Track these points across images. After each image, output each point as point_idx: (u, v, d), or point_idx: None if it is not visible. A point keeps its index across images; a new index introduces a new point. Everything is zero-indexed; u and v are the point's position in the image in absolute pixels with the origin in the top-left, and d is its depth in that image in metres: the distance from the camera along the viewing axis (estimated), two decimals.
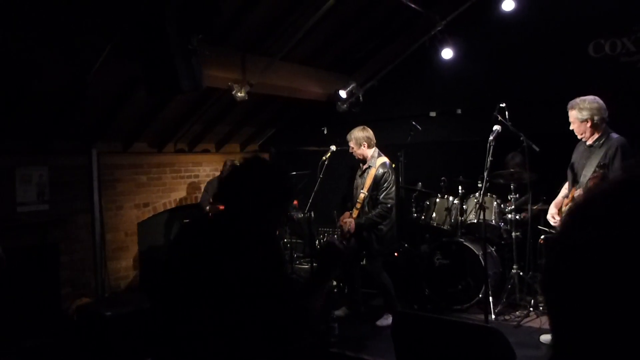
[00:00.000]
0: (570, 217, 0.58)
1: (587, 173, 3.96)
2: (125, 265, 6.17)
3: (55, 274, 5.42)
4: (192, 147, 7.21)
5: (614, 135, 3.93)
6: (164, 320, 1.80)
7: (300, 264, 6.95)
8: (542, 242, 4.97)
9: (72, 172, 5.65)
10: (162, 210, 6.63)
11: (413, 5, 5.60)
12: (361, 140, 4.94)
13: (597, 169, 3.65)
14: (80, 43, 4.29)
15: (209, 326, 1.66)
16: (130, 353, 4.29)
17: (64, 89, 4.83)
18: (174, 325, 1.75)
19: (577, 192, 3.81)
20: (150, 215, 6.49)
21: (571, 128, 4.03)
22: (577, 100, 3.95)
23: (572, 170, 4.20)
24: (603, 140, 3.92)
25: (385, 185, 4.82)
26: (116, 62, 4.58)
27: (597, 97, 3.94)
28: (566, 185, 4.34)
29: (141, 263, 6.31)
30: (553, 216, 4.24)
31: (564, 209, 4.19)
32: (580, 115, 3.90)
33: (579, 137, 4.03)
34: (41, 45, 4.17)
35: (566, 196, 4.23)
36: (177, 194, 6.85)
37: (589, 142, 4.00)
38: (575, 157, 4.19)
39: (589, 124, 3.89)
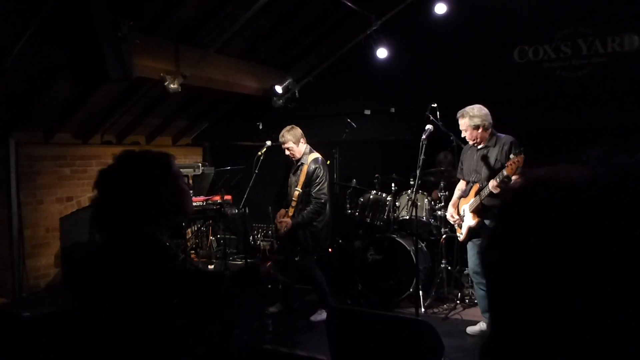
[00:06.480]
0: (514, 202, 0.59)
1: (487, 171, 4.20)
2: (45, 263, 5.82)
3: None
4: (120, 139, 6.90)
5: (502, 135, 4.23)
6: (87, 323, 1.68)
7: (234, 260, 6.86)
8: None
9: None
10: (87, 204, 6.30)
11: (349, 4, 5.65)
12: (299, 137, 4.93)
13: (512, 157, 3.86)
14: None
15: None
16: (50, 356, 4.04)
17: None
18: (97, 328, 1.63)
19: (492, 183, 3.98)
20: (74, 210, 6.15)
21: (463, 135, 4.28)
22: (467, 108, 4.21)
23: (467, 172, 4.44)
24: (494, 140, 4.21)
25: (317, 180, 4.84)
26: (38, 47, 4.29)
27: (482, 106, 4.20)
28: (460, 187, 4.59)
29: (63, 260, 5.97)
30: (452, 215, 4.56)
31: (463, 206, 4.45)
32: (472, 122, 4.15)
33: (471, 142, 4.28)
34: None
35: (464, 196, 4.48)
36: None
37: (480, 146, 4.26)
38: (467, 160, 4.45)
39: (480, 130, 4.16)
